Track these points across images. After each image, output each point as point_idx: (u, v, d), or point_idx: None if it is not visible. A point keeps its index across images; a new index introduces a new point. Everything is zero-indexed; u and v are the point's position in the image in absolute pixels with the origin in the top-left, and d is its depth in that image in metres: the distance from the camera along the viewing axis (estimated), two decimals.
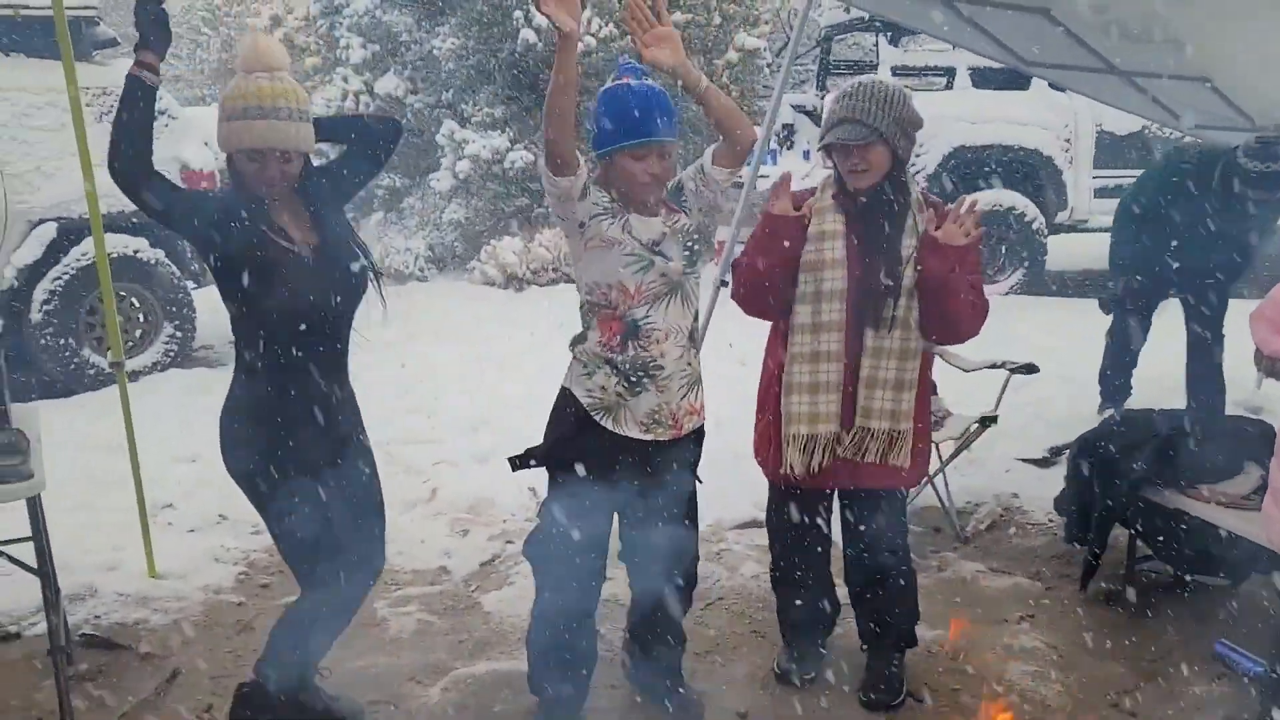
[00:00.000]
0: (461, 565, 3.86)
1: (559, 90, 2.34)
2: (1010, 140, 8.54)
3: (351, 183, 2.67)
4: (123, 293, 6.44)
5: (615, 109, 2.47)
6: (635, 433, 2.59)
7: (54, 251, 6.14)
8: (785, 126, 9.91)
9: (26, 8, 6.19)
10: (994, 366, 4.20)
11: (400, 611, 3.55)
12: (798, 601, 3.07)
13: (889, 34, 9.04)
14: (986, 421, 4.08)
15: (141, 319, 6.63)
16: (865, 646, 3.08)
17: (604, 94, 2.54)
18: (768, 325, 2.95)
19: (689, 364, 2.62)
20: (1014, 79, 8.41)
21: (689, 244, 2.58)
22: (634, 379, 2.55)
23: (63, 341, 6.17)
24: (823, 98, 9.24)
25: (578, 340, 2.63)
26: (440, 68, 9.95)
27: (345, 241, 2.60)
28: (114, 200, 6.57)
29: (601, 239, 2.49)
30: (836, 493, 2.96)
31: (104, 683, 3.15)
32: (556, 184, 2.45)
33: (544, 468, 2.68)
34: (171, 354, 6.63)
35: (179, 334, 6.66)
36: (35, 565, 2.72)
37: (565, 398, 2.63)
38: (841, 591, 3.13)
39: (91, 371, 6.26)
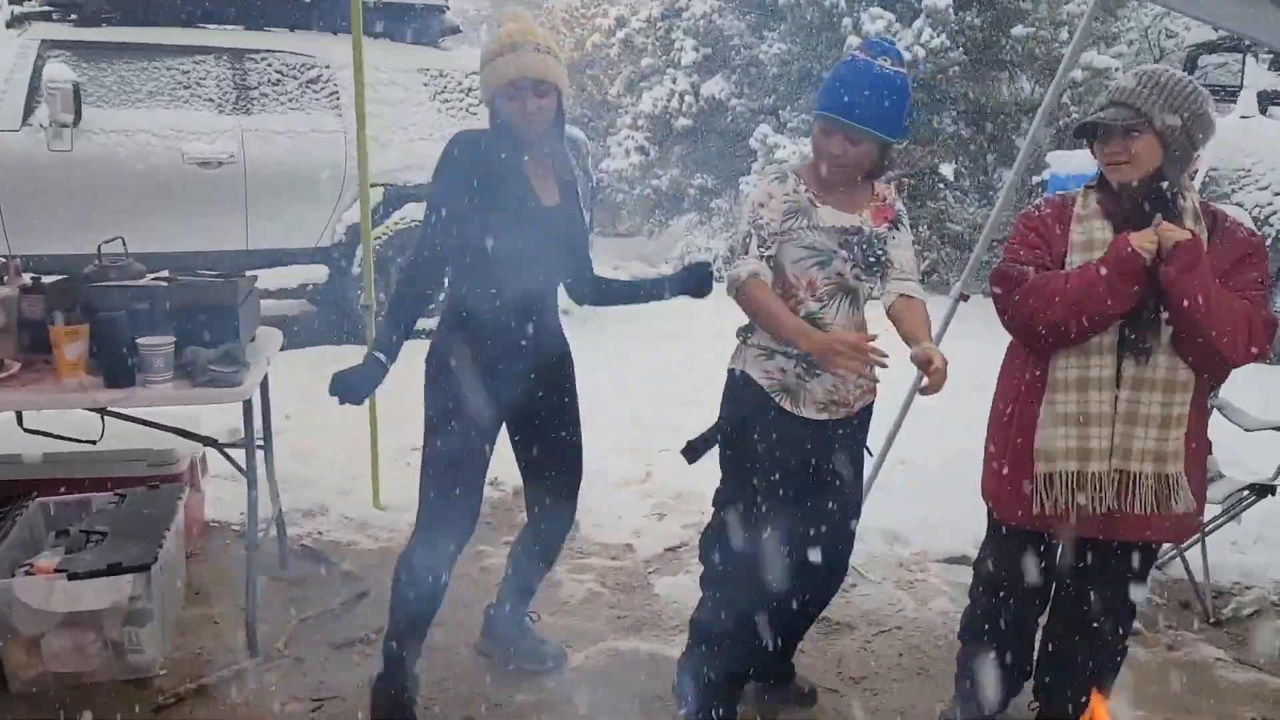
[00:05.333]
0: (647, 546, 3.87)
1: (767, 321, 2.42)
2: None
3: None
4: None
5: (832, 76, 2.41)
6: (811, 413, 2.52)
7: (378, 214, 6.82)
8: None
9: None
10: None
11: (576, 578, 3.62)
12: (991, 660, 2.68)
13: (1266, 55, 7.97)
14: (1261, 490, 3.48)
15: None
16: (1036, 705, 2.73)
17: (842, 60, 2.47)
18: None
19: None
20: None
21: (877, 253, 2.51)
22: (811, 362, 2.44)
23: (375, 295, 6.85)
24: None
25: (748, 329, 2.58)
26: (765, 72, 10.01)
27: (578, 213, 2.75)
28: (425, 173, 7.30)
29: (784, 234, 2.45)
30: (1065, 542, 2.57)
31: (303, 590, 3.47)
32: None
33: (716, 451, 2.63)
34: None
35: None
36: (246, 467, 3.04)
37: (740, 380, 2.56)
38: None
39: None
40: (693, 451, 2.63)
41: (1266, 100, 7.82)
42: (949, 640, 3.21)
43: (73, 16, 6.26)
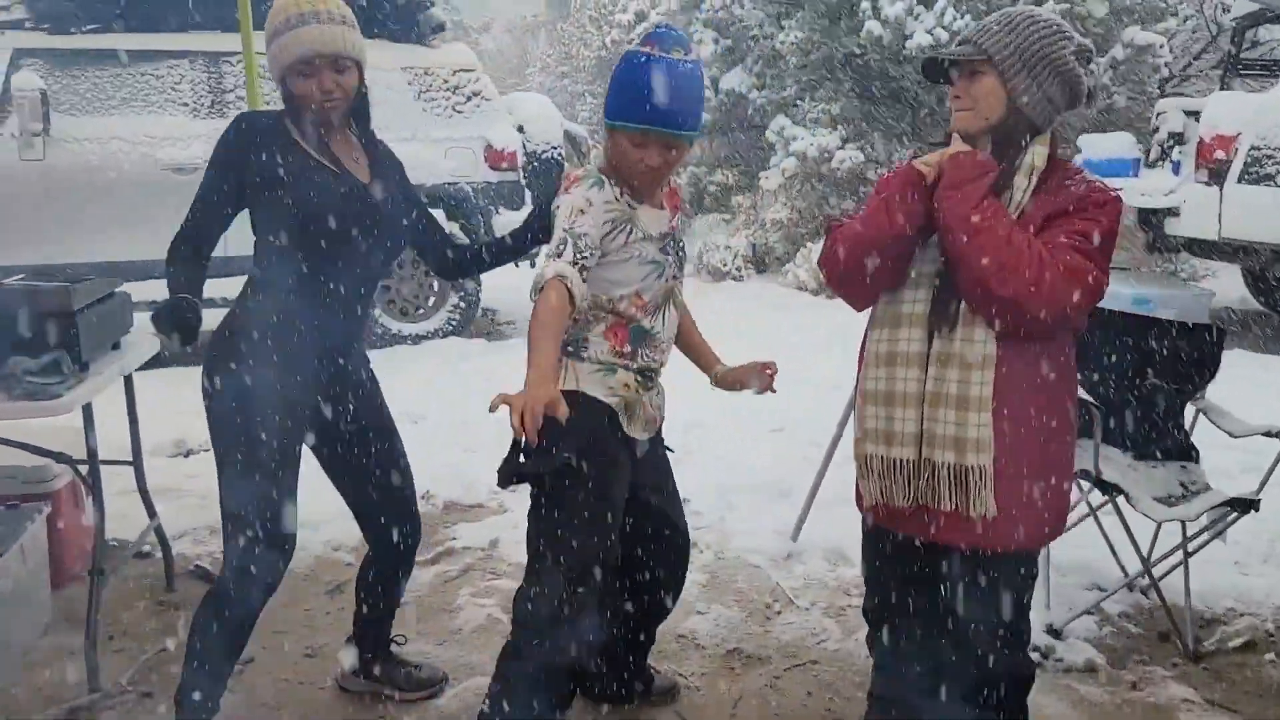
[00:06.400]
0: None
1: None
2: None
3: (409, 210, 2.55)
4: (414, 260, 6.83)
5: (629, 81, 2.12)
6: (638, 434, 2.33)
7: None
8: (1172, 135, 8.44)
9: None
10: (1271, 434, 3.13)
11: (477, 602, 3.33)
12: (883, 684, 2.41)
13: None
14: (1244, 505, 3.03)
15: (434, 287, 6.99)
16: None
17: (625, 60, 2.17)
18: None
19: None
20: None
21: (682, 247, 2.38)
22: (645, 376, 2.31)
23: None
24: None
25: (577, 345, 2.28)
26: (786, 63, 9.62)
27: (403, 193, 2.51)
28: (416, 173, 7.09)
29: (618, 253, 2.20)
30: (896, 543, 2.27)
31: (184, 612, 3.24)
32: None
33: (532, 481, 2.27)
34: (454, 322, 6.94)
35: (463, 304, 6.95)
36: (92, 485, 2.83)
37: (578, 402, 2.22)
38: None
39: (379, 330, 6.70)
40: (514, 476, 2.20)
41: None
42: (867, 676, 2.85)
43: (46, 25, 6.19)
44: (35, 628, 3.04)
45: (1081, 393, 3.19)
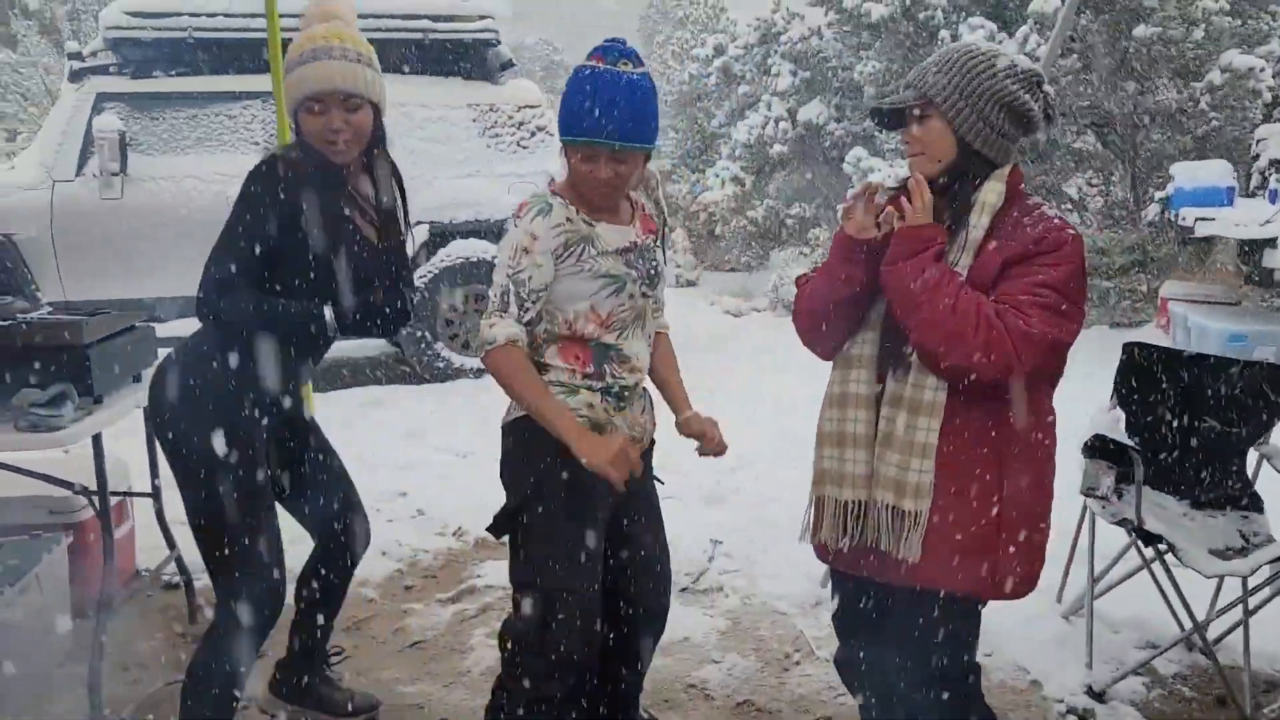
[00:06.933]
0: None
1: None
2: None
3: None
4: (479, 294, 6.88)
5: (574, 95, 2.08)
6: None
7: (424, 251, 6.71)
8: (1273, 163, 7.99)
9: (435, 32, 6.87)
10: None
11: (490, 643, 3.24)
12: None
13: None
14: None
15: None
16: None
17: (572, 75, 2.14)
18: None
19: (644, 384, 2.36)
20: None
21: (651, 264, 2.24)
22: (616, 395, 2.22)
23: (420, 334, 6.70)
24: None
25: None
26: (864, 94, 9.46)
27: (400, 253, 2.50)
28: (480, 208, 7.10)
29: (570, 268, 2.14)
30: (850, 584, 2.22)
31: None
32: None
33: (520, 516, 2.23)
34: None
35: None
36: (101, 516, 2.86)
37: (532, 430, 2.16)
38: None
39: (441, 364, 6.74)
40: (503, 527, 2.25)
41: None
42: None
43: (127, 70, 6.46)
44: (51, 657, 3.08)
45: (1123, 437, 2.99)
